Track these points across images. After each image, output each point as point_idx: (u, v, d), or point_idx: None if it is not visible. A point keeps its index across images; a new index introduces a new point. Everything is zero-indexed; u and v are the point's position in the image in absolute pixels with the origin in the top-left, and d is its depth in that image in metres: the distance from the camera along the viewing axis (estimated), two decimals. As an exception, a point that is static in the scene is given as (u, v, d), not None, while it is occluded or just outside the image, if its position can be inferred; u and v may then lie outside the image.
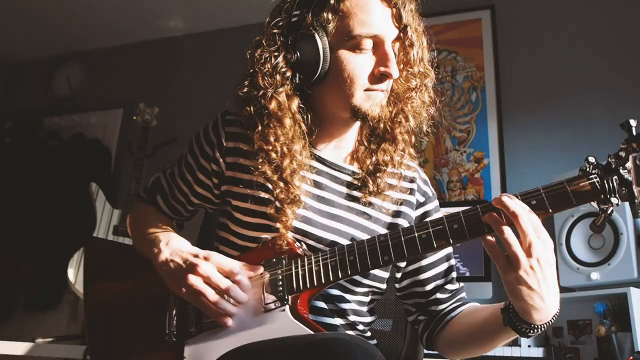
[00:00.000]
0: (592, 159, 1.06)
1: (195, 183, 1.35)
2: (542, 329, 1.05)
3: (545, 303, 1.01)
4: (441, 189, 3.10)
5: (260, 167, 1.21)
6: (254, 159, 1.23)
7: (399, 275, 1.36)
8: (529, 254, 0.98)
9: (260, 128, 1.21)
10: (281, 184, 1.20)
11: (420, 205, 1.36)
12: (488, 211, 1.05)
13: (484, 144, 3.07)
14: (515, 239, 1.00)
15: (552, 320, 1.05)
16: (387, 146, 1.31)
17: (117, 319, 1.31)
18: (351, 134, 1.33)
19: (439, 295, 1.32)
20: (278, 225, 1.18)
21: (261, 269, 1.19)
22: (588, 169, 1.05)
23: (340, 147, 1.33)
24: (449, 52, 3.26)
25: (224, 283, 1.14)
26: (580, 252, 2.41)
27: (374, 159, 1.31)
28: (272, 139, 1.20)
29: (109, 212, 3.27)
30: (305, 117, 1.25)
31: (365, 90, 1.21)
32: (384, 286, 1.32)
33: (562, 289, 2.44)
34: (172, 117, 3.65)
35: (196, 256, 1.16)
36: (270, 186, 1.22)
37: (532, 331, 1.05)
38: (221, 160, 1.29)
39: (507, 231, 1.01)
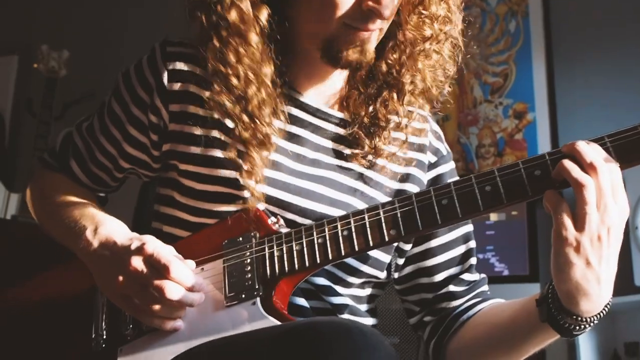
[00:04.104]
0: None
1: (124, 141, 1.36)
2: (592, 323, 1.09)
3: (600, 287, 1.05)
4: (468, 157, 3.15)
5: (216, 97, 1.23)
6: (208, 87, 1.24)
7: (401, 261, 1.38)
8: (601, 219, 1.02)
9: (216, 43, 1.23)
10: (245, 118, 1.22)
11: (431, 166, 1.39)
12: (557, 161, 1.07)
13: (527, 93, 3.10)
14: (595, 197, 1.03)
15: (603, 313, 1.09)
16: (392, 94, 1.32)
17: (24, 330, 1.33)
18: (338, 75, 1.34)
19: (452, 288, 1.35)
20: (244, 179, 1.20)
21: (222, 251, 1.21)
22: None
23: (324, 90, 1.36)
24: (476, -36, 3.28)
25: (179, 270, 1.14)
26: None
27: (370, 109, 1.33)
28: (232, 59, 1.22)
29: (4, 197, 3.28)
30: (276, 34, 1.25)
31: (345, 23, 1.21)
32: (383, 275, 1.35)
33: (637, 289, 2.45)
34: (89, 63, 3.64)
35: (132, 245, 1.17)
36: (229, 124, 1.24)
37: (578, 327, 1.09)
38: (163, 108, 1.30)
39: (590, 183, 1.02)
